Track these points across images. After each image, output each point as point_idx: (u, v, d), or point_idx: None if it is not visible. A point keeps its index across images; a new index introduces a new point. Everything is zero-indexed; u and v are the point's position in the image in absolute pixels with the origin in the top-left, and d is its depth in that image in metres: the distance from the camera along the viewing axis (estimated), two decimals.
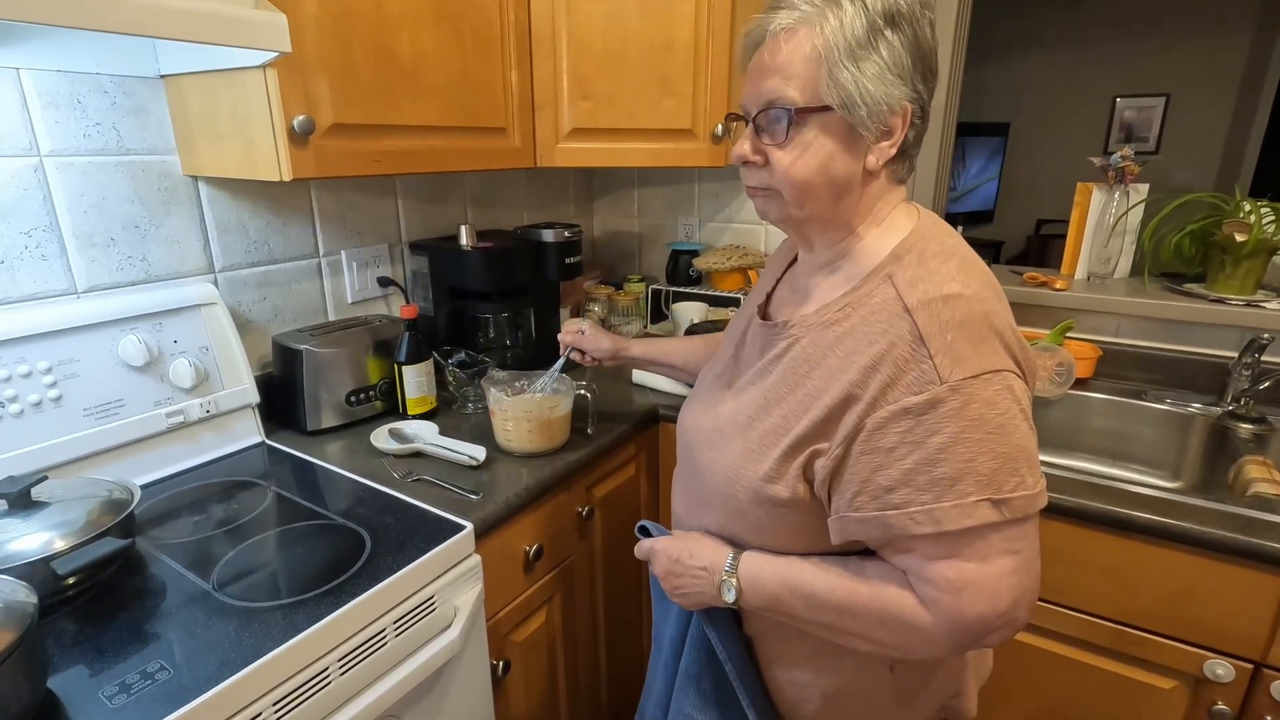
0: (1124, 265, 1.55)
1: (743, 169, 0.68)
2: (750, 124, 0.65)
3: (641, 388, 1.43)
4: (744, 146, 0.66)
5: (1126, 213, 1.49)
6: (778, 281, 0.81)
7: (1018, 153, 4.80)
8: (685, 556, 0.75)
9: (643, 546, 0.83)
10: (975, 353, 0.58)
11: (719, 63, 1.35)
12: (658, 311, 1.82)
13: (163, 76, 1.06)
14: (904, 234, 0.66)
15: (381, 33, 1.03)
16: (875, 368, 0.60)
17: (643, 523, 0.85)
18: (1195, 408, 1.32)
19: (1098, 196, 1.51)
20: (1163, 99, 4.29)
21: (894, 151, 0.63)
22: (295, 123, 0.93)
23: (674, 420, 1.08)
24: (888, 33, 0.60)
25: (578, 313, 1.78)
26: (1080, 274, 1.58)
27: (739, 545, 0.73)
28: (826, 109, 0.61)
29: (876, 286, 0.64)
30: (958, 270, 0.63)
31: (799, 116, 0.62)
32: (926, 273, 0.62)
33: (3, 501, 0.78)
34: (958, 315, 0.59)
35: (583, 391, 1.17)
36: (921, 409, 0.58)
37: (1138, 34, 4.25)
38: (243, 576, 0.82)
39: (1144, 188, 1.50)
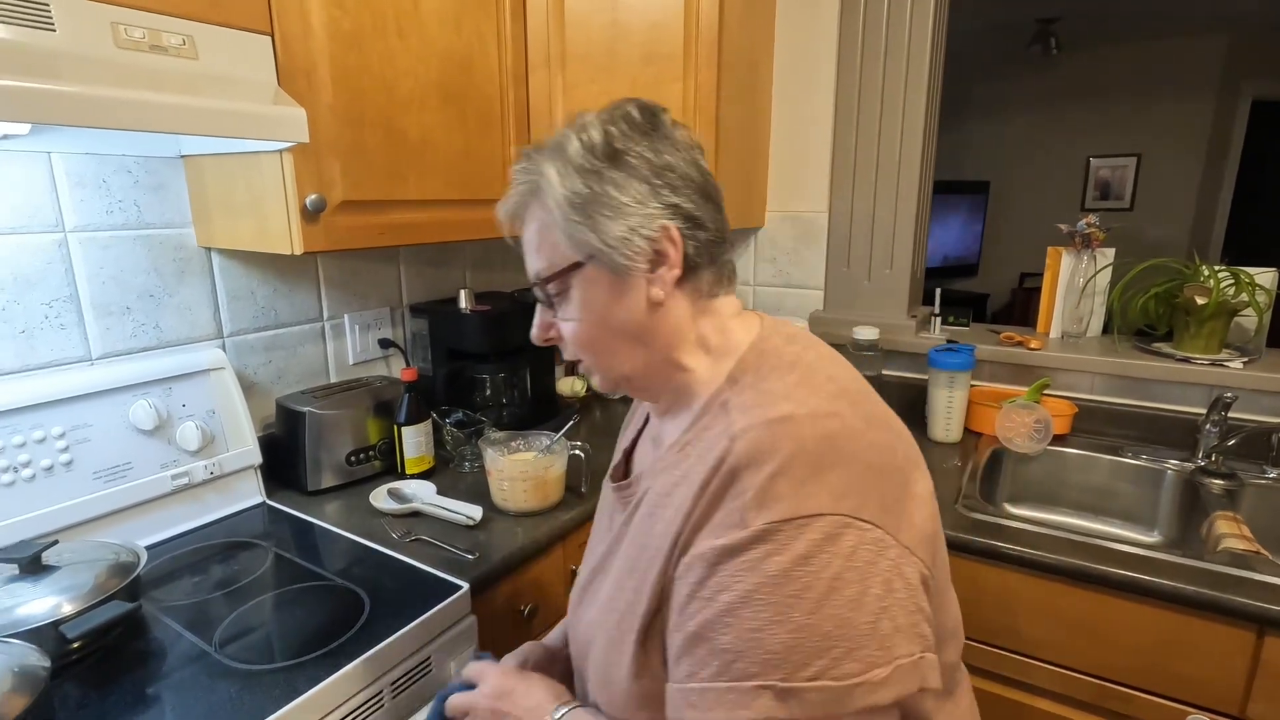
0: (1095, 325, 1.62)
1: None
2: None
3: None
4: (534, 328, 0.64)
5: (1094, 276, 1.56)
6: (637, 437, 0.76)
7: (999, 209, 4.97)
8: (508, 703, 0.66)
9: (456, 702, 0.71)
10: (795, 491, 0.48)
11: (705, 138, 1.44)
12: None
13: (183, 156, 1.13)
14: (741, 352, 0.60)
15: (391, 116, 1.11)
16: (692, 510, 0.52)
17: (478, 656, 0.77)
18: (1171, 464, 1.36)
19: (1067, 260, 1.59)
20: (1134, 159, 4.48)
21: (678, 273, 0.58)
22: (308, 201, 1.00)
23: None
24: (606, 172, 0.57)
25: (572, 371, 1.83)
26: (1055, 333, 1.65)
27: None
28: (576, 265, 0.58)
29: (714, 418, 0.56)
30: (796, 385, 0.54)
31: (555, 284, 0.60)
32: (761, 394, 0.55)
33: (14, 566, 0.81)
34: (781, 441, 0.50)
35: (576, 451, 1.21)
36: (716, 558, 0.49)
37: (1107, 97, 4.47)
38: (243, 638, 0.84)
39: (1110, 251, 1.58)
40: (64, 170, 1.01)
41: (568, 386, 1.72)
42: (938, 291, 1.76)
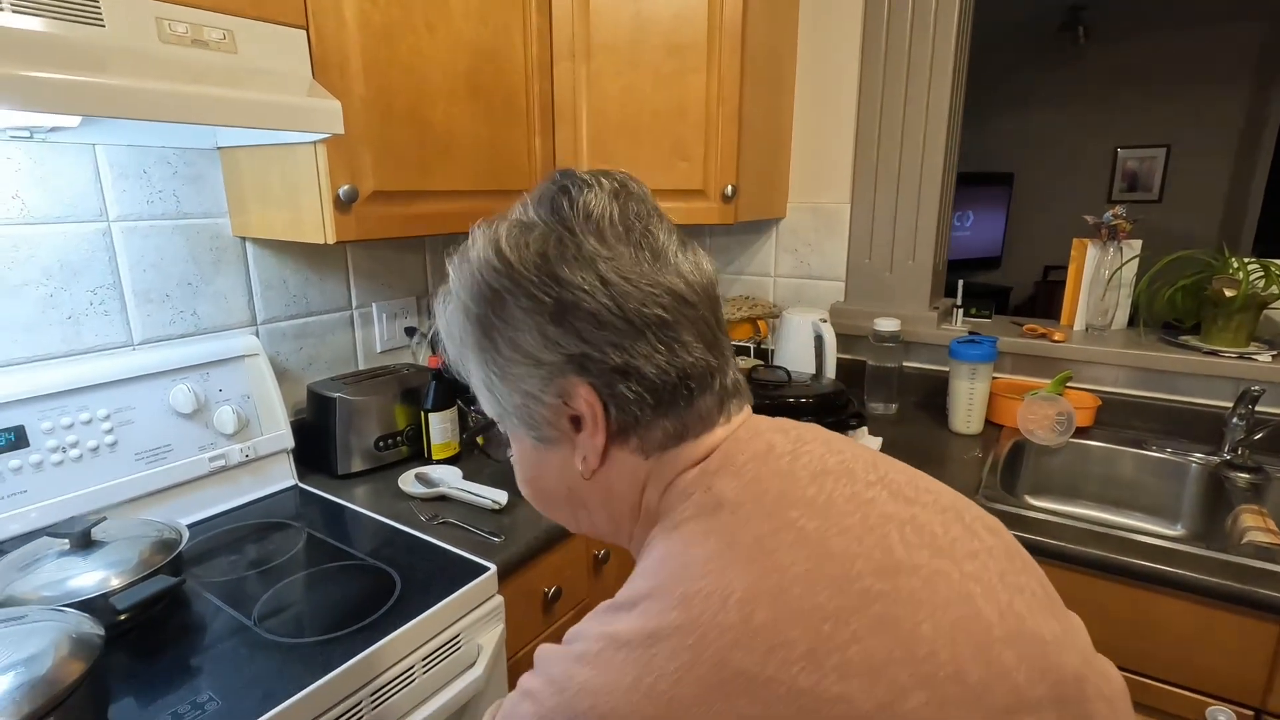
0: (1121, 317, 1.61)
1: None
2: None
3: None
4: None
5: (1120, 268, 1.55)
6: None
7: (1023, 202, 4.90)
8: None
9: None
10: None
11: (728, 129, 1.45)
12: None
13: (219, 148, 1.16)
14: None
15: (419, 108, 1.13)
16: None
17: None
18: (1196, 457, 1.35)
19: (1092, 252, 1.57)
20: (1164, 150, 4.39)
21: (601, 440, 0.44)
22: (341, 191, 1.02)
23: None
24: (493, 317, 0.44)
25: None
26: (1079, 325, 1.63)
27: None
28: (492, 422, 0.50)
29: None
30: (638, 628, 0.36)
31: (500, 427, 0.51)
32: (597, 618, 0.39)
33: (66, 541, 0.84)
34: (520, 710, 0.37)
35: None
36: None
37: (1136, 87, 4.38)
38: (281, 613, 0.87)
39: (1137, 243, 1.56)
40: (108, 161, 1.05)
41: None
42: (960, 283, 1.75)
